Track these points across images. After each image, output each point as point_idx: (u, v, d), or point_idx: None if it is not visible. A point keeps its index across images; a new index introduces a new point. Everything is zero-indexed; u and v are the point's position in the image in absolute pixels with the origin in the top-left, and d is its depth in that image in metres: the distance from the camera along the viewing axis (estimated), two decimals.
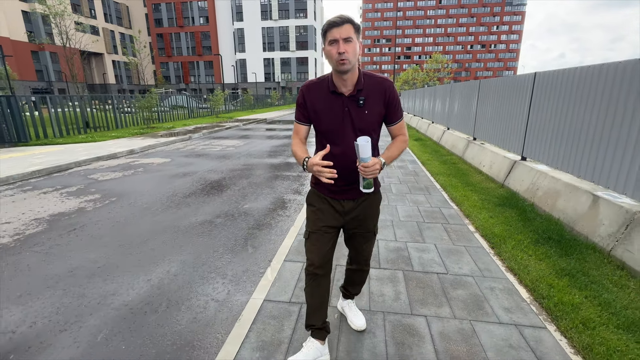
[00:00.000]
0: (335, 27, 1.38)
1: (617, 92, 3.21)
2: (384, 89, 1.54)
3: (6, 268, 3.01)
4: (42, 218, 4.29)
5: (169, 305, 2.45)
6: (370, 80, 1.53)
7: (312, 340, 1.78)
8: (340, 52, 1.38)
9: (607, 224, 3.08)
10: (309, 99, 1.59)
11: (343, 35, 1.37)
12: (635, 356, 1.83)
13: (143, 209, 4.64)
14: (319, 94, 1.57)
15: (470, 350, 1.92)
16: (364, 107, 1.53)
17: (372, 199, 1.73)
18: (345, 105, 1.53)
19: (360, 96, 1.51)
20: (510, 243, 3.25)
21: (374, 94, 1.53)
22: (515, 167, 5.11)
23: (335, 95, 1.53)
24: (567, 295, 2.39)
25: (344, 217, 1.71)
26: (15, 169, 6.57)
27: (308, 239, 1.72)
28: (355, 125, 1.54)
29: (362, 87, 1.51)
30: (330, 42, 1.40)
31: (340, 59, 1.39)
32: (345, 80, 1.49)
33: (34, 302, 2.48)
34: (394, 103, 1.58)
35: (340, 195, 1.67)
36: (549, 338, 2.01)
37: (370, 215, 1.76)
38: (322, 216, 1.69)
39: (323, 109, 1.56)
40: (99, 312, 2.37)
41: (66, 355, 1.96)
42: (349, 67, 1.42)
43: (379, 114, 1.57)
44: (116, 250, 3.35)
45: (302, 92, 1.62)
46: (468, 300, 2.39)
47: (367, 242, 1.83)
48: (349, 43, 1.39)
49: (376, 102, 1.54)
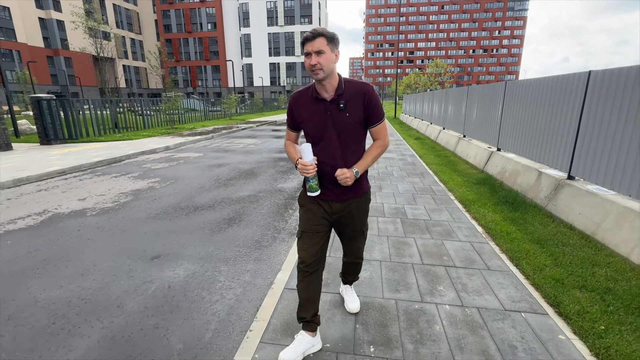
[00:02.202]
0: (308, 41, 1.56)
1: (557, 98, 4.51)
2: (363, 92, 1.65)
3: (127, 218, 4.35)
4: (126, 192, 5.64)
5: (245, 226, 3.78)
6: (351, 85, 1.67)
7: (302, 333, 1.88)
8: (313, 64, 1.54)
9: (544, 189, 4.37)
10: (296, 108, 1.75)
11: (315, 48, 1.54)
12: (534, 251, 3.12)
13: (199, 188, 5.97)
14: (304, 102, 1.72)
15: (439, 251, 3.22)
16: (345, 110, 1.65)
17: (360, 201, 1.84)
18: (328, 109, 1.66)
19: (341, 100, 1.64)
20: (478, 204, 4.55)
21: (354, 98, 1.65)
22: (492, 156, 6.41)
23: (318, 101, 1.68)
24: (506, 228, 3.69)
25: (332, 216, 1.83)
26: (82, 160, 7.95)
27: (300, 238, 1.83)
28: (337, 128, 1.67)
29: (343, 92, 1.64)
30: (306, 54, 1.58)
31: (313, 70, 1.56)
32: (325, 85, 1.63)
33: (162, 223, 3.82)
34: (374, 107, 1.67)
35: (327, 196, 1.79)
36: (488, 247, 3.31)
37: (358, 216, 1.87)
38: (313, 216, 1.81)
39: (308, 115, 1.70)
40: (204, 223, 3.70)
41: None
42: (323, 75, 1.57)
43: (359, 117, 1.67)
44: (194, 210, 4.68)
45: (290, 102, 1.79)
46: (442, 232, 3.69)
47: (355, 240, 1.99)
48: (321, 55, 1.54)
49: (356, 105, 1.65)
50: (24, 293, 2.67)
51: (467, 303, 2.38)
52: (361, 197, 1.84)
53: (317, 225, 1.80)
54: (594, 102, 3.71)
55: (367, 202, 1.90)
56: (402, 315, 2.25)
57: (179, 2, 68.62)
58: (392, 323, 2.17)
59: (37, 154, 8.92)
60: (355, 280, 2.33)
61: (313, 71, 1.56)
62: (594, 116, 3.70)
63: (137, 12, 70.44)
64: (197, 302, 2.53)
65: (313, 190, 1.71)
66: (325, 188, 1.77)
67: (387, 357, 1.88)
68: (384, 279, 2.71)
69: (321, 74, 1.56)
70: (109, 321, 2.32)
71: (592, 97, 3.73)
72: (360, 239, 2.00)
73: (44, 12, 51.88)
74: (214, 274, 2.95)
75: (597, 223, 3.33)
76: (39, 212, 4.60)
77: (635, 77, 3.16)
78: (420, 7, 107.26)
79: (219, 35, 69.71)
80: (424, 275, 2.77)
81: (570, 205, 3.79)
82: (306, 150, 1.66)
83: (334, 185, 1.74)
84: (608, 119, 3.48)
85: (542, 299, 2.44)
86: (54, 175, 6.77)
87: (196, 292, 2.67)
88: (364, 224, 1.95)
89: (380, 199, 4.93)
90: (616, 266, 2.82)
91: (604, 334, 2.02)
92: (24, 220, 4.30)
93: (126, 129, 14.52)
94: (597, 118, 3.64)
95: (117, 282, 2.82)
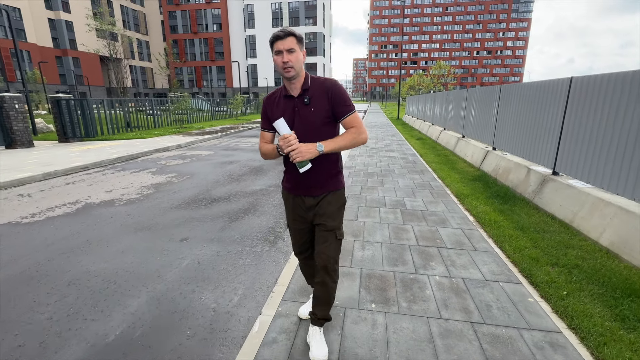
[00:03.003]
0: (279, 39, 1.57)
1: (544, 102, 4.92)
2: (326, 87, 1.68)
3: (152, 207, 4.82)
4: (147, 186, 6.11)
5: (260, 215, 4.22)
6: (316, 82, 1.70)
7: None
8: (285, 62, 1.57)
9: (532, 184, 4.79)
10: (269, 108, 1.79)
11: (286, 46, 1.56)
12: (517, 236, 3.54)
13: (214, 182, 6.43)
14: (276, 101, 1.77)
15: (433, 236, 3.65)
16: (310, 105, 1.67)
17: (331, 196, 1.82)
18: (295, 105, 1.69)
19: (306, 95, 1.67)
20: (471, 198, 4.97)
21: (318, 93, 1.67)
22: (487, 155, 6.82)
23: (287, 99, 1.72)
24: (495, 217, 4.11)
25: (307, 212, 1.86)
26: (102, 156, 8.45)
27: (289, 230, 2.03)
28: (302, 122, 1.69)
29: (308, 87, 1.68)
30: (276, 53, 1.59)
31: (285, 67, 1.59)
32: (294, 83, 1.67)
33: (185, 212, 4.28)
34: (339, 99, 1.67)
35: (299, 191, 1.83)
36: (477, 233, 3.73)
37: (330, 212, 1.81)
38: (292, 212, 1.92)
39: (280, 113, 1.72)
40: (222, 213, 4.16)
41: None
42: (294, 73, 1.61)
43: (325, 111, 1.68)
44: (212, 201, 5.14)
45: (264, 102, 1.83)
46: (437, 220, 4.12)
47: (325, 241, 1.81)
48: (292, 53, 1.58)
49: (321, 100, 1.67)
50: (77, 266, 3.13)
51: (454, 275, 2.81)
52: (334, 192, 1.82)
53: (296, 222, 1.92)
54: (574, 106, 4.12)
55: (340, 198, 1.84)
56: (399, 283, 2.68)
57: (185, 3, 69.42)
58: (390, 288, 2.61)
59: (58, 150, 9.44)
60: (324, 317, 1.94)
61: (285, 69, 1.59)
62: (574, 118, 4.11)
63: (144, 13, 71.35)
64: (225, 274, 2.98)
65: (304, 165, 1.64)
66: (297, 184, 1.80)
67: (385, 311, 2.32)
68: (384, 257, 3.14)
69: (292, 71, 1.60)
70: (152, 287, 2.77)
71: (574, 101, 4.14)
72: (331, 242, 1.79)
73: (53, 12, 52.77)
74: (237, 253, 3.40)
75: (574, 212, 3.75)
76: (72, 202, 5.08)
77: (608, 84, 3.58)
78: (425, 9, 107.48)
79: (224, 36, 70.40)
80: (419, 254, 3.20)
81: (553, 198, 4.20)
82: (281, 125, 1.64)
83: (306, 180, 1.76)
84: (586, 121, 3.89)
85: (518, 273, 2.86)
86: (78, 170, 7.27)
87: (222, 266, 3.13)
88: (335, 223, 1.81)
89: (382, 192, 5.37)
90: (587, 248, 3.23)
91: (565, 297, 2.44)
92: (60, 209, 4.78)
93: (138, 127, 15.05)
94: (577, 120, 4.05)
95: (154, 259, 3.27)
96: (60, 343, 2.12)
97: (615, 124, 3.45)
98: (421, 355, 1.92)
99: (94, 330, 2.24)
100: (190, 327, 2.28)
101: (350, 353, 1.94)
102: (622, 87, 3.37)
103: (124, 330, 2.24)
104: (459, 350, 1.95)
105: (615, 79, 3.48)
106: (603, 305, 2.36)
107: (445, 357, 1.91)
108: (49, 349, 2.07)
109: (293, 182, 1.82)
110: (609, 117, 3.53)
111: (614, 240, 3.12)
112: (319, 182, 1.78)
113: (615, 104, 3.46)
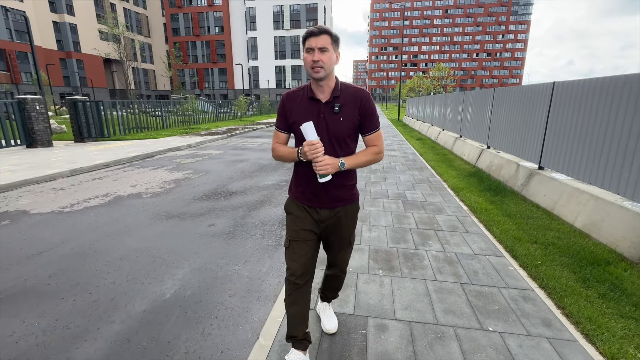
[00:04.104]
0: (312, 36, 1.48)
1: (531, 104, 5.44)
2: (359, 98, 1.59)
3: (177, 199, 5.33)
4: (168, 181, 6.62)
5: (275, 206, 4.74)
6: (347, 90, 1.60)
7: (294, 351, 1.80)
8: (315, 60, 1.47)
9: (520, 178, 5.30)
10: (288, 106, 1.65)
11: (319, 44, 1.46)
12: (504, 221, 4.04)
13: (228, 178, 6.94)
14: (298, 101, 1.63)
15: (431, 221, 4.15)
16: (340, 114, 1.58)
17: (347, 209, 1.76)
18: (322, 111, 1.58)
19: (336, 103, 1.58)
20: (466, 191, 5.48)
21: (350, 103, 1.58)
22: (482, 153, 7.34)
23: (313, 102, 1.60)
24: (486, 206, 4.62)
25: (320, 224, 1.74)
26: (120, 155, 8.97)
27: (289, 248, 1.74)
28: (329, 131, 1.58)
29: (339, 94, 1.58)
30: (307, 50, 1.50)
31: (314, 67, 1.48)
32: (322, 87, 1.57)
33: (207, 203, 4.79)
34: (370, 113, 1.61)
35: (316, 203, 1.71)
36: (469, 219, 4.24)
37: (346, 225, 1.78)
38: (301, 223, 1.72)
39: (301, 115, 1.60)
40: (241, 204, 4.67)
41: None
42: (323, 74, 1.50)
43: (353, 122, 1.60)
44: (230, 194, 5.64)
45: (282, 100, 1.68)
46: (434, 209, 4.63)
47: (342, 250, 1.87)
48: (325, 52, 1.48)
49: (351, 110, 1.58)
50: (123, 245, 3.64)
51: (448, 250, 3.32)
52: (351, 206, 1.77)
53: (305, 232, 1.72)
54: (557, 108, 4.64)
55: (356, 210, 1.82)
56: (401, 256, 3.19)
57: (187, 6, 70.20)
58: (394, 259, 3.12)
59: (77, 149, 9.96)
60: (334, 297, 2.20)
61: (314, 68, 1.50)
62: (556, 118, 4.62)
63: (147, 15, 72.10)
64: (251, 252, 3.49)
65: (325, 176, 1.56)
66: (315, 195, 1.69)
67: (390, 275, 2.82)
68: (389, 237, 3.65)
69: (322, 72, 1.50)
70: (192, 260, 3.28)
71: (556, 104, 4.66)
72: (347, 249, 1.89)
73: (57, 15, 53.45)
74: (259, 236, 3.91)
75: (554, 201, 4.26)
76: (103, 195, 5.59)
77: (583, 89, 4.09)
78: (425, 11, 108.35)
79: (225, 39, 71.12)
80: (419, 235, 3.71)
81: (538, 189, 4.72)
82: (309, 129, 1.52)
83: (324, 191, 1.67)
84: (566, 121, 4.41)
85: (502, 249, 3.37)
86: (101, 167, 7.79)
87: (249, 245, 3.63)
88: (352, 234, 1.85)
89: (385, 186, 5.88)
90: (563, 230, 3.74)
91: (539, 266, 2.95)
92: (94, 200, 5.29)
93: (147, 128, 15.58)
94: (559, 120, 4.56)
95: (188, 240, 3.78)
96: (127, 299, 2.63)
97: (588, 123, 3.97)
98: (420, 305, 2.42)
99: (152, 291, 2.75)
100: (230, 288, 2.79)
101: (363, 303, 2.45)
102: (594, 92, 3.89)
103: (176, 291, 2.75)
104: (449, 301, 2.46)
105: (589, 85, 3.99)
106: (569, 271, 2.86)
107: (439, 305, 2.41)
108: (120, 303, 2.57)
109: (309, 193, 1.70)
110: (584, 118, 4.04)
111: (586, 222, 3.63)
112: (338, 195, 1.71)
113: (589, 106, 3.98)
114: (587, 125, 3.98)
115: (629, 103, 3.36)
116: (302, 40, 1.53)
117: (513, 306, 2.39)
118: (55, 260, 3.27)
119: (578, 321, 2.22)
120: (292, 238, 1.73)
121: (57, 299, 2.63)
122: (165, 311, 2.47)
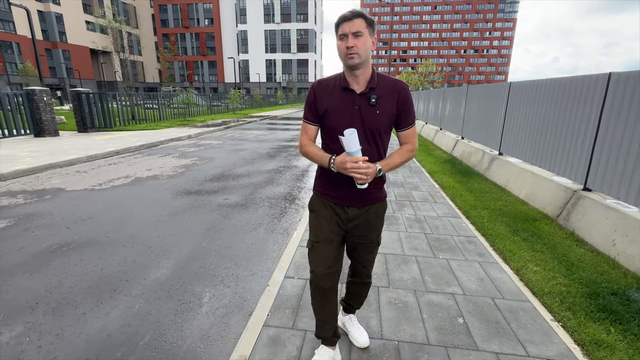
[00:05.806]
0: (345, 21, 1.37)
1: (494, 99, 6.40)
2: (397, 90, 1.49)
3: (190, 180, 6.12)
4: (178, 166, 7.38)
5: (278, 185, 5.59)
6: (384, 80, 1.50)
7: (323, 347, 1.80)
8: (349, 47, 1.36)
9: (485, 163, 6.28)
10: (319, 96, 1.54)
11: (353, 29, 1.36)
12: (466, 195, 5.00)
13: (232, 164, 7.74)
14: (330, 91, 1.52)
15: (408, 195, 5.08)
16: (376, 107, 1.47)
17: (377, 208, 1.66)
18: (357, 103, 1.47)
19: (373, 94, 1.46)
20: (440, 173, 6.44)
21: (387, 95, 1.48)
22: (457, 143, 8.33)
23: (346, 92, 1.49)
24: (454, 185, 5.58)
25: (347, 224, 1.63)
26: (127, 143, 9.63)
27: (312, 249, 1.65)
28: (365, 125, 1.48)
29: (375, 85, 1.47)
30: (341, 37, 1.39)
31: (349, 53, 1.38)
32: (357, 76, 1.46)
33: (218, 183, 5.61)
34: (408, 106, 1.51)
35: (345, 201, 1.60)
36: (439, 194, 5.18)
37: (375, 225, 1.68)
38: (325, 223, 1.63)
39: (333, 106, 1.50)
40: (248, 184, 5.51)
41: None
42: (358, 61, 1.40)
43: (390, 116, 1.50)
44: (237, 177, 6.46)
45: (312, 89, 1.56)
46: (411, 187, 5.57)
47: (369, 252, 1.74)
48: (359, 37, 1.37)
49: (389, 102, 1.48)
50: (156, 212, 4.45)
51: (419, 214, 4.25)
52: (380, 204, 1.67)
53: (331, 233, 1.62)
54: (512, 104, 5.60)
55: (384, 209, 1.72)
56: None
57: None
58: None
59: (83, 139, 10.55)
60: (359, 307, 2.04)
61: (348, 55, 1.39)
62: (511, 113, 5.59)
63: (134, 6, 70.97)
64: (265, 218, 4.35)
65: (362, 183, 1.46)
66: (345, 194, 1.58)
67: None
68: None
69: (357, 58, 1.39)
70: (219, 222, 4.12)
71: (513, 100, 5.63)
72: (374, 251, 1.76)
73: (42, 4, 52.38)
74: (268, 207, 4.77)
75: (507, 179, 5.25)
76: (124, 176, 6.33)
77: (531, 88, 5.05)
78: (414, 7, 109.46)
79: (215, 31, 70.73)
80: (397, 205, 4.63)
81: (496, 171, 5.70)
82: (352, 140, 1.37)
83: (351, 188, 1.53)
84: (518, 115, 5.38)
85: (461, 214, 4.32)
86: (112, 155, 8.47)
87: (261, 213, 4.49)
88: (379, 234, 1.74)
89: None
90: (510, 200, 4.73)
91: (485, 222, 3.91)
92: (118, 180, 6.04)
93: (145, 120, 16.12)
94: (513, 114, 5.54)
95: (209, 211, 4.61)
96: (173, 247, 3.46)
97: (533, 116, 4.94)
98: (393, 245, 3.34)
99: (191, 242, 3.59)
100: (250, 239, 3.65)
101: None
102: (536, 92, 4.86)
103: (210, 241, 3.59)
104: (415, 243, 3.38)
105: (535, 85, 4.95)
106: (506, 226, 3.83)
107: (407, 244, 3.34)
108: (169, 249, 3.41)
109: (341, 192, 1.59)
110: (530, 112, 5.02)
111: (527, 194, 4.61)
112: (369, 193, 1.59)
113: (533, 103, 4.95)
114: (532, 118, 4.95)
115: (555, 102, 4.33)
116: (335, 27, 1.44)
117: (460, 246, 3.33)
118: (105, 222, 4.06)
119: (502, 252, 3.18)
120: (316, 239, 1.64)
121: (119, 246, 3.44)
122: (205, 253, 3.32)
